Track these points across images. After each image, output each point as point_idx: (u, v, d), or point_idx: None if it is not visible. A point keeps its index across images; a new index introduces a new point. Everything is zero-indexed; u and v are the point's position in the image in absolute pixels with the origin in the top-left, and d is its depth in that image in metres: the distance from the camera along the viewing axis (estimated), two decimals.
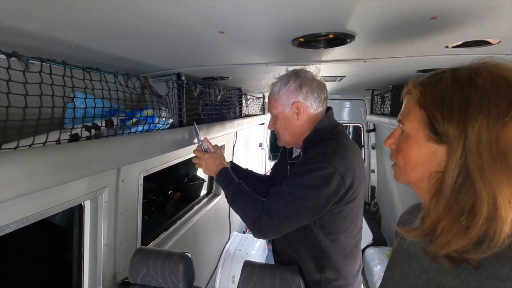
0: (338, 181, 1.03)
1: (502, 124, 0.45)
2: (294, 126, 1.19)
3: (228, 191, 1.20)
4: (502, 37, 0.87)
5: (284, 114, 1.20)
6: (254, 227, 1.08)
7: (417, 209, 0.71)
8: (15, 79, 0.67)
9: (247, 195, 1.16)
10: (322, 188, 1.03)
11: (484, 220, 0.45)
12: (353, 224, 1.18)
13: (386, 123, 2.53)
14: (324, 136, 1.14)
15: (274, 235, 1.10)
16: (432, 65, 1.38)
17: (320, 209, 1.06)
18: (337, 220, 1.14)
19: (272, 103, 1.22)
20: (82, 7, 0.57)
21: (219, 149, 1.35)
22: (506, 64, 0.50)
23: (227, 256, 2.83)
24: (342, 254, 1.18)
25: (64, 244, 1.75)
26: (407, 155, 0.56)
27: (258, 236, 1.11)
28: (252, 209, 1.10)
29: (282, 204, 1.05)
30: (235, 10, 0.63)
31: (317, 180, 1.03)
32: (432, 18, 0.70)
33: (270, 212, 1.05)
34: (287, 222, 1.06)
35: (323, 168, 1.03)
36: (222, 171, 1.27)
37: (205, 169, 1.31)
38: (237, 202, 1.16)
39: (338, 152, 1.07)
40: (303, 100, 1.16)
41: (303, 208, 1.04)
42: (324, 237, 1.15)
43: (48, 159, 0.72)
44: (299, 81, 1.16)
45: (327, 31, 0.80)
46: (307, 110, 1.17)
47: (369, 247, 3.19)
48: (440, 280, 0.51)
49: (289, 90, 1.16)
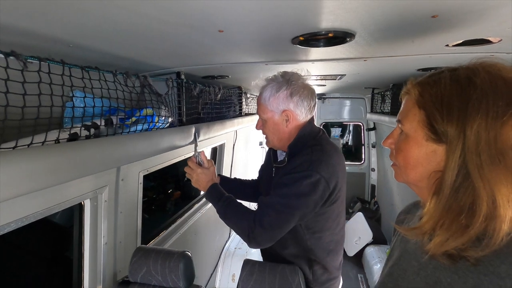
0: (323, 187, 1.08)
1: (501, 124, 0.46)
2: (283, 132, 1.21)
3: (219, 207, 1.22)
4: (502, 35, 0.87)
5: (273, 120, 1.21)
6: (249, 238, 1.11)
7: (416, 207, 0.71)
8: (13, 78, 0.67)
9: (238, 208, 1.19)
10: (310, 195, 1.08)
11: (483, 219, 0.46)
12: (335, 223, 1.23)
13: (386, 122, 2.52)
14: (308, 142, 1.18)
15: (268, 243, 1.14)
16: (433, 64, 1.37)
17: (308, 214, 1.12)
18: (321, 220, 1.19)
19: (262, 108, 1.22)
20: (81, 5, 0.57)
21: (212, 166, 1.36)
22: (504, 64, 0.50)
23: (227, 254, 2.84)
24: (326, 251, 1.24)
25: (64, 243, 1.75)
26: (406, 155, 0.57)
27: (253, 246, 1.14)
28: (244, 221, 1.12)
29: (273, 214, 1.09)
30: (234, 8, 0.63)
31: (305, 188, 1.07)
32: (433, 16, 0.69)
33: (263, 223, 1.08)
34: (278, 231, 1.10)
35: (309, 176, 1.07)
36: (211, 188, 1.28)
37: (195, 182, 1.32)
38: (229, 217, 1.19)
39: (323, 159, 1.11)
40: (294, 108, 1.18)
41: (292, 216, 1.09)
42: (310, 236, 1.20)
43: (47, 159, 0.71)
44: (290, 89, 1.16)
45: (327, 30, 0.80)
46: (297, 118, 1.19)
47: (369, 246, 3.20)
48: (438, 276, 0.52)
49: (280, 97, 1.17)
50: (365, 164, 4.37)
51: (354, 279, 3.14)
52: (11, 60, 0.67)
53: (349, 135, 5.43)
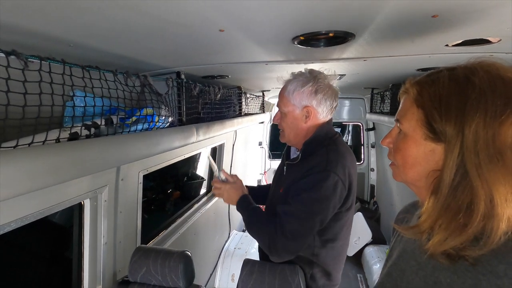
0: (341, 188, 1.07)
1: (499, 123, 0.46)
2: (301, 128, 1.20)
3: (245, 216, 1.21)
4: (502, 35, 0.87)
5: (293, 114, 1.20)
6: (270, 249, 1.08)
7: (414, 207, 0.72)
8: (14, 78, 0.67)
9: (260, 218, 1.17)
10: (330, 198, 1.05)
11: (481, 218, 0.46)
12: (348, 231, 1.23)
13: (385, 122, 2.53)
14: (323, 142, 1.16)
15: (291, 255, 1.09)
16: (432, 63, 1.38)
17: (328, 218, 1.09)
18: (336, 227, 1.16)
19: (284, 101, 1.21)
20: (82, 5, 0.57)
21: (239, 179, 1.34)
22: (502, 64, 0.50)
23: (226, 254, 2.84)
24: (331, 257, 1.21)
25: (64, 242, 1.75)
26: (405, 154, 0.57)
27: (275, 259, 1.09)
28: (266, 231, 1.10)
29: (296, 222, 1.05)
30: (235, 8, 0.63)
31: (325, 191, 1.05)
32: (433, 16, 0.70)
33: (285, 232, 1.04)
34: (302, 240, 1.07)
35: (327, 177, 1.05)
36: (241, 199, 1.26)
37: (227, 199, 1.29)
38: (251, 227, 1.18)
39: (339, 160, 1.09)
40: (316, 106, 1.17)
41: (314, 223, 1.06)
42: (320, 244, 1.17)
43: (48, 158, 0.71)
44: (316, 86, 1.15)
45: (327, 30, 0.80)
46: (317, 116, 1.18)
47: (368, 246, 3.20)
48: (437, 276, 0.52)
49: (304, 92, 1.16)
50: (364, 164, 4.37)
51: (353, 279, 3.14)
52: (12, 59, 0.67)
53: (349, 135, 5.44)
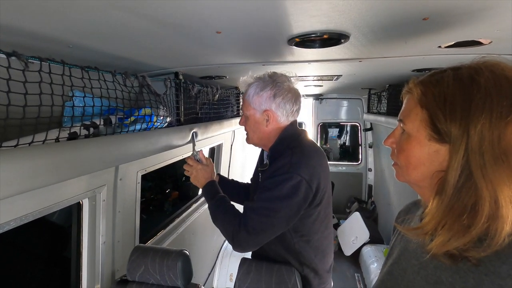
0: (305, 188, 1.09)
1: (505, 124, 0.45)
2: (263, 131, 1.23)
3: (211, 205, 1.23)
4: (493, 37, 0.89)
5: (254, 118, 1.23)
6: (233, 241, 1.12)
7: (415, 207, 0.71)
8: (15, 78, 0.68)
9: (227, 210, 1.19)
10: (292, 197, 1.08)
11: (485, 219, 0.45)
12: (323, 225, 1.24)
13: (383, 122, 2.55)
14: (289, 144, 1.18)
15: (252, 248, 1.14)
16: (427, 64, 1.39)
17: (293, 217, 1.12)
18: (308, 223, 1.19)
19: (246, 104, 1.24)
20: (81, 7, 0.59)
21: (211, 164, 1.38)
22: (507, 64, 0.50)
23: (225, 254, 2.84)
24: (314, 253, 1.24)
25: (63, 242, 1.75)
26: (408, 154, 0.56)
27: (237, 250, 1.14)
28: (230, 224, 1.13)
29: (257, 218, 1.09)
30: (231, 10, 0.64)
31: (287, 191, 1.07)
32: (424, 19, 0.71)
33: (247, 227, 1.08)
34: (263, 235, 1.10)
35: (290, 178, 1.07)
36: (208, 184, 1.30)
37: (194, 178, 1.33)
38: (217, 217, 1.20)
39: (303, 161, 1.11)
40: (275, 109, 1.19)
41: (276, 219, 1.09)
42: (298, 239, 1.21)
43: (47, 157, 0.73)
44: (274, 90, 1.18)
45: (321, 31, 0.82)
46: (277, 119, 1.20)
47: (366, 245, 3.21)
48: (439, 276, 0.52)
49: (263, 96, 1.18)
50: (362, 164, 4.39)
51: (351, 279, 3.16)
52: (13, 60, 0.68)
53: (346, 135, 5.46)
